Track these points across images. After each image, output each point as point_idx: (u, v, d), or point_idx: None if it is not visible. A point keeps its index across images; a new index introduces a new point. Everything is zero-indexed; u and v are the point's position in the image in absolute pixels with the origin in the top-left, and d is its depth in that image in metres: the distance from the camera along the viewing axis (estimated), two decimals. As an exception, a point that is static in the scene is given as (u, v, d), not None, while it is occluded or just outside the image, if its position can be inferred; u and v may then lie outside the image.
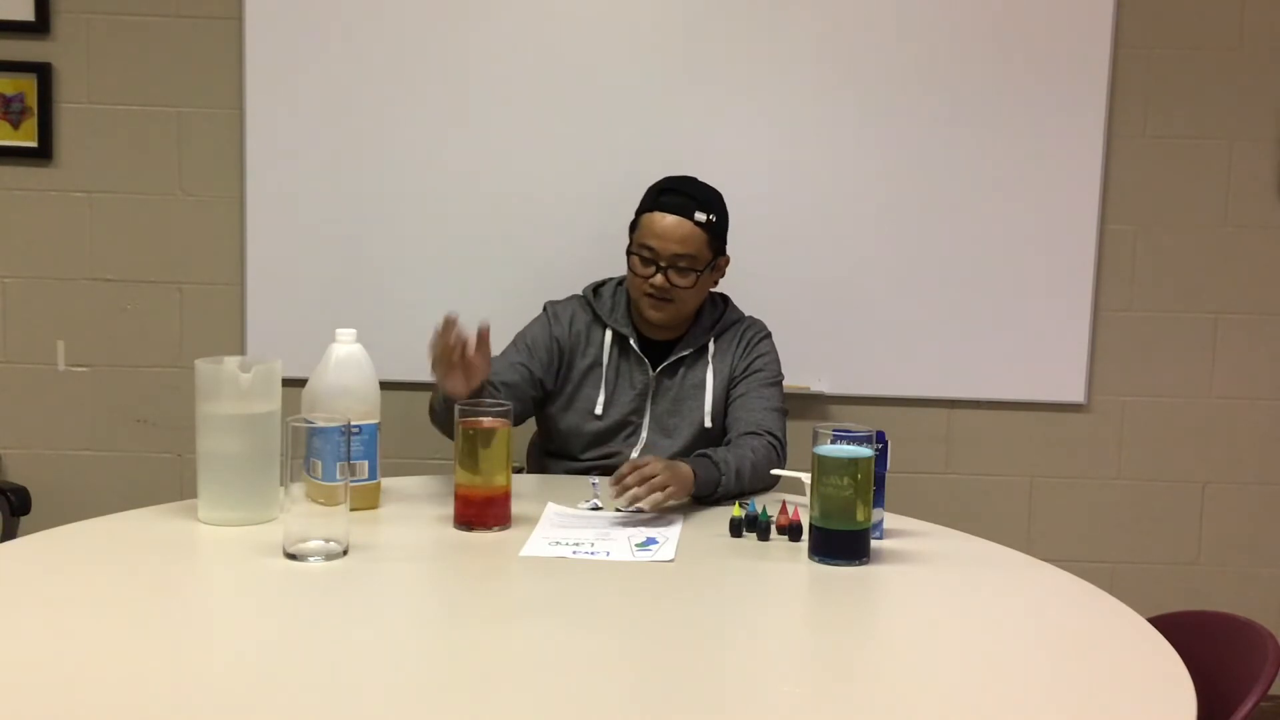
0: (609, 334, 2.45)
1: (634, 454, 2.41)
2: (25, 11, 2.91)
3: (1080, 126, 2.96)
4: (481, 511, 1.95)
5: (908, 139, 2.96)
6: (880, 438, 1.90)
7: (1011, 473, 3.08)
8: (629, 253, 2.42)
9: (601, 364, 2.43)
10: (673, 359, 2.43)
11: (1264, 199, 3.02)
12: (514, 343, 2.46)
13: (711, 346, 2.45)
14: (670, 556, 1.84)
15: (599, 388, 2.43)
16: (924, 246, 2.98)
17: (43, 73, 2.93)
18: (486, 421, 1.95)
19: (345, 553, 1.80)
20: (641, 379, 2.43)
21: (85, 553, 1.81)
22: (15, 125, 2.95)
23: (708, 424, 2.41)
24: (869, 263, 2.98)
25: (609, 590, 1.72)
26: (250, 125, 2.94)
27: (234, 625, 1.55)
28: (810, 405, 3.00)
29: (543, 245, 2.96)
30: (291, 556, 1.77)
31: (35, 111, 2.94)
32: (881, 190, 2.97)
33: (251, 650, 1.46)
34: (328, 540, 1.78)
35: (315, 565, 1.76)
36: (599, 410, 2.42)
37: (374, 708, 1.30)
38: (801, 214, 2.97)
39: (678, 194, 2.40)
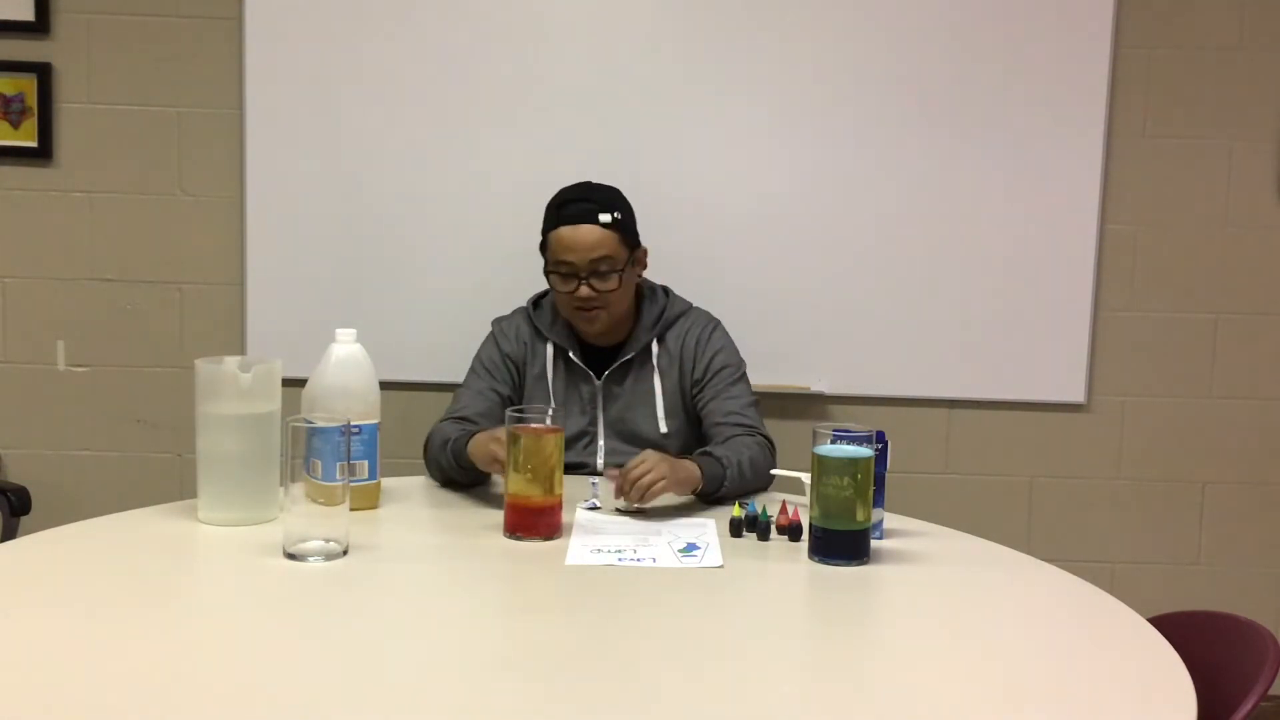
0: (550, 347, 2.44)
1: (598, 461, 2.38)
2: (25, 11, 2.91)
3: (1080, 126, 2.95)
4: (533, 521, 1.91)
5: (907, 139, 2.95)
6: (880, 438, 1.90)
7: (1011, 473, 3.08)
8: (547, 274, 2.40)
9: (547, 377, 2.42)
10: (616, 365, 2.41)
11: (1264, 199, 3.02)
12: (473, 370, 2.46)
13: (655, 348, 2.42)
14: (718, 562, 1.83)
15: (548, 401, 2.41)
16: (924, 246, 2.98)
17: (43, 73, 2.93)
18: (541, 429, 1.91)
19: (345, 553, 1.80)
20: (588, 389, 2.42)
21: (85, 553, 1.81)
22: (15, 125, 2.95)
23: (663, 429, 2.39)
24: (869, 263, 2.98)
25: (609, 592, 1.72)
26: (250, 125, 2.94)
27: (234, 625, 1.55)
28: (810, 405, 3.00)
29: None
30: (291, 556, 1.77)
31: (35, 111, 2.93)
32: (881, 190, 2.96)
33: (251, 650, 1.46)
34: (328, 540, 1.78)
35: (315, 565, 1.76)
36: None
37: (374, 707, 1.30)
38: (801, 214, 2.96)
39: (576, 203, 2.39)
